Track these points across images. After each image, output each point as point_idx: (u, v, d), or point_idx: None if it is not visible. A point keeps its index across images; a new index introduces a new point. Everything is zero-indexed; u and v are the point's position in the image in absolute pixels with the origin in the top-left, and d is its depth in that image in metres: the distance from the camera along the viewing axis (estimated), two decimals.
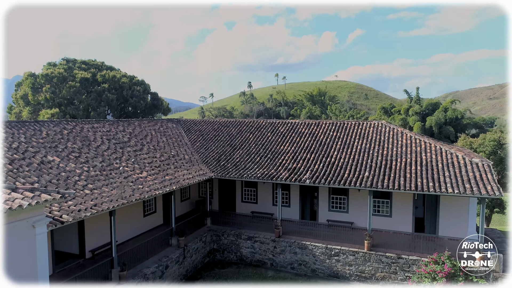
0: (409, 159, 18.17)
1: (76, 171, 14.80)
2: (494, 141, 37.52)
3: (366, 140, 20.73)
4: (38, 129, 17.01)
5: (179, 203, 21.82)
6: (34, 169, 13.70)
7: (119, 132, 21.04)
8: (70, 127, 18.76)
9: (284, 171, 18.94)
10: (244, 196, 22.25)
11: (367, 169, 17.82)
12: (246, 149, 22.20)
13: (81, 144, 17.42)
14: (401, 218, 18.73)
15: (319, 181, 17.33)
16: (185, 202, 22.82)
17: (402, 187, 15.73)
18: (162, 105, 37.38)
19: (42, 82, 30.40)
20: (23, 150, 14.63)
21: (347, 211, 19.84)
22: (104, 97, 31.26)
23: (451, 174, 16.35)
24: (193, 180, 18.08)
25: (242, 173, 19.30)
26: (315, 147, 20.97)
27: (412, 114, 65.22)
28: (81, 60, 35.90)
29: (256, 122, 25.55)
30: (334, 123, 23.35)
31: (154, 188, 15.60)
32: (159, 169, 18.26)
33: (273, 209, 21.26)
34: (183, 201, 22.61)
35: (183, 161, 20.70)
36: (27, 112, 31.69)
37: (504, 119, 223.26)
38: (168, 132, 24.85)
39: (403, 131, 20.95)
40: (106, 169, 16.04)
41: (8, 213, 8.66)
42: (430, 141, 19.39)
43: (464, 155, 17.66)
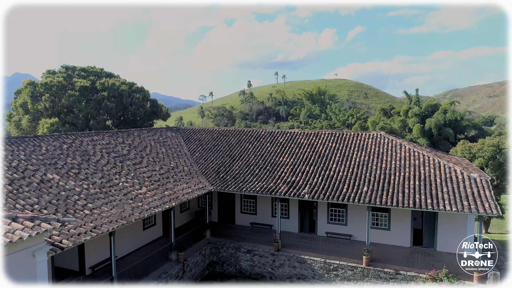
0: (408, 173, 18.24)
1: (75, 189, 14.85)
2: (493, 146, 37.57)
3: (364, 152, 20.79)
4: (37, 144, 17.08)
5: (178, 214, 21.91)
6: (34, 188, 13.75)
7: (119, 144, 21.09)
8: (70, 141, 18.83)
9: (283, 184, 19.01)
10: (243, 207, 22.33)
11: (365, 184, 17.90)
12: (245, 160, 22.26)
13: (80, 159, 17.47)
14: (400, 231, 18.82)
15: (318, 196, 17.40)
16: (185, 213, 22.91)
17: (401, 204, 15.81)
18: (161, 112, 37.47)
19: (42, 90, 30.42)
20: (23, 168, 14.69)
21: (345, 223, 19.92)
22: (103, 105, 31.30)
23: (449, 189, 16.43)
24: (192, 194, 18.15)
25: (241, 186, 19.37)
26: (314, 159, 21.03)
27: (411, 116, 65.28)
28: (80, 68, 35.93)
29: (256, 132, 25.59)
30: (333, 133, 23.40)
31: (154, 205, 15.66)
32: (158, 184, 18.32)
33: (272, 220, 21.35)
34: (183, 212, 22.70)
35: (182, 173, 20.76)
36: (26, 121, 31.74)
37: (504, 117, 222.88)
38: (168, 142, 24.90)
39: (401, 143, 21.02)
40: (105, 186, 16.10)
41: (8, 246, 8.73)
42: (429, 154, 19.45)
43: (462, 170, 17.73)
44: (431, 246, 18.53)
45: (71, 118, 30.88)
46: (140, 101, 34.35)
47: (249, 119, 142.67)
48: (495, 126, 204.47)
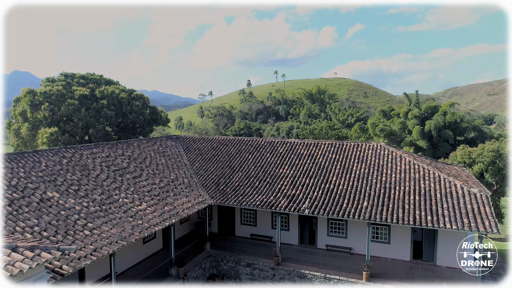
0: (408, 187, 18.23)
1: (75, 208, 14.82)
2: (492, 151, 37.59)
3: (364, 164, 20.77)
4: (37, 160, 17.04)
5: (178, 225, 21.89)
6: (34, 209, 13.72)
7: (118, 156, 21.05)
8: (69, 155, 18.78)
9: (283, 198, 18.99)
10: (243, 218, 22.33)
11: (365, 198, 17.89)
12: (245, 172, 22.23)
13: (80, 175, 17.43)
14: (400, 244, 18.83)
15: (318, 212, 17.40)
16: (185, 224, 22.89)
17: (401, 221, 15.81)
18: (161, 118, 37.41)
19: (41, 99, 30.36)
20: (23, 187, 14.65)
21: (345, 236, 19.93)
22: (103, 114, 31.22)
23: (449, 205, 16.43)
24: (192, 209, 18.13)
25: (241, 200, 19.36)
26: (314, 170, 21.01)
27: (411, 118, 65.22)
28: (80, 75, 35.78)
29: (255, 141, 25.55)
30: (333, 144, 23.38)
31: (154, 223, 15.64)
32: (158, 198, 18.30)
33: (272, 232, 21.36)
34: (183, 223, 22.68)
35: (182, 186, 20.74)
36: (25, 129, 31.66)
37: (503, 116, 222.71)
38: (168, 152, 24.86)
39: (401, 154, 20.99)
40: (105, 203, 16.07)
41: (8, 279, 8.71)
42: (429, 167, 19.43)
43: (463, 184, 17.71)
44: (430, 259, 18.56)
45: (71, 127, 30.83)
46: (139, 109, 34.28)
47: (249, 119, 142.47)
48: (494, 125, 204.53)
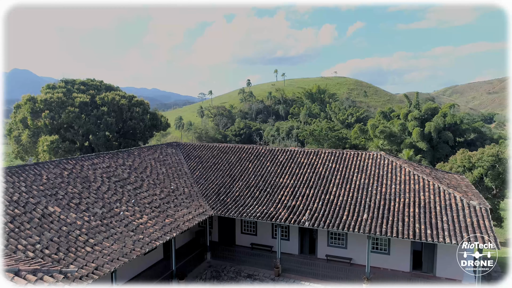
0: (407, 199, 18.31)
1: (77, 223, 14.89)
2: (492, 156, 37.66)
3: (364, 174, 20.85)
4: (38, 173, 17.11)
5: (179, 235, 21.85)
6: (35, 225, 13.79)
7: (119, 167, 21.12)
8: (70, 166, 18.86)
9: (283, 209, 19.07)
10: (243, 227, 22.42)
11: (365, 210, 17.97)
12: (245, 181, 22.30)
13: (81, 187, 17.50)
14: (399, 255, 18.93)
15: (318, 224, 17.48)
16: (185, 233, 22.89)
17: (401, 235, 15.90)
18: (161, 124, 37.47)
19: (41, 106, 30.44)
20: (24, 202, 14.72)
21: (345, 247, 20.02)
22: (103, 121, 31.28)
23: (449, 218, 16.51)
24: (193, 221, 18.22)
25: (242, 211, 19.43)
26: (314, 180, 21.08)
27: (411, 119, 65.31)
28: (80, 81, 35.85)
29: (255, 149, 25.61)
30: (333, 152, 23.45)
31: (155, 237, 15.72)
32: (159, 210, 18.37)
33: (273, 241, 21.46)
34: (183, 232, 22.70)
35: (183, 196, 20.80)
36: (26, 136, 31.72)
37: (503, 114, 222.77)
38: (168, 160, 24.93)
39: (401, 164, 21.06)
40: (106, 216, 16.14)
41: None
42: (429, 178, 19.50)
43: (462, 196, 17.79)
44: (430, 270, 18.65)
45: (71, 134, 30.94)
46: (140, 115, 34.37)
47: (249, 118, 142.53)
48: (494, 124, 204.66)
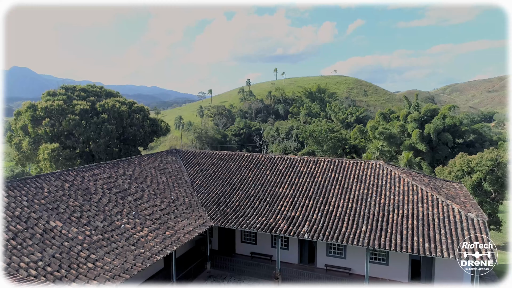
0: (406, 210, 18.46)
1: (78, 238, 15.04)
2: (491, 160, 37.79)
3: (363, 184, 21.00)
4: (39, 186, 17.26)
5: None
6: (37, 241, 13.94)
7: (120, 177, 21.26)
8: (71, 178, 19.00)
9: (283, 220, 19.22)
10: (243, 236, 22.59)
11: (364, 222, 18.12)
12: (245, 190, 22.44)
13: (82, 200, 17.65)
14: (398, 265, 19.11)
15: (318, 236, 17.63)
16: (186, 242, 23.10)
17: (399, 248, 16.05)
18: (161, 130, 37.60)
19: (42, 114, 30.56)
20: (26, 217, 14.87)
21: (344, 256, 20.20)
22: (103, 128, 31.42)
23: (447, 231, 16.66)
24: (193, 233, 18.37)
25: (242, 222, 19.58)
26: (314, 190, 21.23)
27: (410, 121, 65.43)
28: (80, 87, 35.98)
29: (255, 157, 25.75)
30: (332, 161, 23.58)
31: (155, 251, 15.87)
32: (159, 222, 18.52)
33: (272, 251, 21.63)
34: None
35: (183, 206, 20.95)
36: (26, 143, 31.86)
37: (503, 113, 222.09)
38: (168, 169, 25.06)
39: (400, 174, 21.20)
40: (107, 230, 16.29)
41: None
42: (427, 189, 19.65)
43: (460, 208, 17.94)
44: (428, 280, 18.83)
45: (72, 142, 31.07)
46: (140, 121, 34.49)
47: (249, 118, 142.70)
48: (494, 123, 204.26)
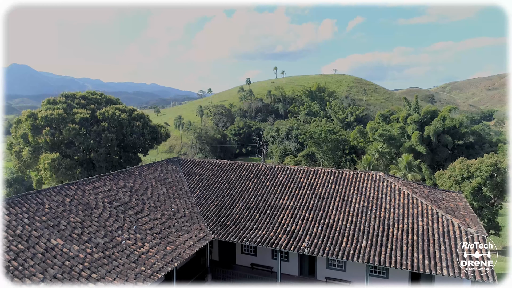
0: (406, 225, 18.53)
1: (79, 256, 15.08)
2: (490, 166, 37.88)
3: (364, 196, 21.05)
4: (40, 202, 17.31)
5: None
6: (39, 261, 13.99)
7: (120, 189, 21.31)
8: (72, 192, 19.05)
9: (283, 234, 19.28)
10: (244, 247, 22.67)
11: (364, 237, 18.19)
12: (245, 202, 22.50)
13: (83, 215, 17.70)
14: (398, 279, 19.19)
15: (318, 251, 17.71)
16: None
17: (399, 265, 16.13)
18: (161, 137, 37.61)
19: (42, 123, 30.57)
20: (27, 236, 14.91)
21: (344, 269, 20.29)
22: (103, 137, 31.43)
23: (447, 247, 16.74)
24: (194, 248, 18.43)
25: (242, 235, 19.64)
26: (314, 202, 21.29)
27: (410, 123, 65.46)
28: (80, 95, 35.95)
29: (255, 167, 25.79)
30: (332, 172, 23.63)
31: (156, 268, 15.91)
32: (160, 237, 18.57)
33: (273, 262, 21.73)
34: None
35: (183, 219, 21.01)
36: (27, 152, 31.88)
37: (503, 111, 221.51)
38: (168, 179, 25.11)
39: (400, 187, 21.26)
40: (108, 247, 16.34)
41: None
42: (427, 202, 19.71)
43: (460, 223, 18.01)
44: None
45: (72, 151, 31.11)
46: (140, 129, 34.51)
47: (248, 117, 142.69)
48: (494, 121, 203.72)
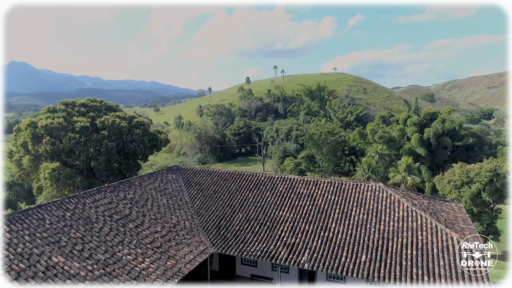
0: (405, 239, 18.61)
1: (80, 274, 15.15)
2: (490, 171, 37.93)
3: (363, 208, 21.13)
4: (41, 217, 17.37)
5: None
6: (40, 280, 14.05)
7: (120, 201, 21.37)
8: (72, 206, 19.12)
9: (283, 248, 19.36)
10: (244, 258, 22.75)
11: (364, 251, 18.28)
12: (245, 213, 22.57)
13: (83, 230, 17.77)
14: None
15: (317, 266, 17.80)
16: None
17: (398, 281, 16.22)
18: (161, 144, 37.63)
19: (42, 132, 30.59)
20: (28, 254, 14.97)
21: (344, 281, 20.38)
22: (103, 145, 31.47)
23: (446, 263, 16.82)
24: (194, 262, 18.52)
25: (242, 248, 19.73)
26: (314, 214, 21.37)
27: (410, 125, 65.49)
28: (80, 102, 35.93)
29: (255, 177, 25.84)
30: (332, 183, 23.70)
31: (157, 286, 16.01)
32: (160, 251, 18.64)
33: (273, 273, 21.82)
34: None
35: (183, 231, 21.08)
36: (27, 160, 31.94)
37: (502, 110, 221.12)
38: (169, 189, 25.17)
39: (400, 199, 21.33)
40: (109, 263, 16.41)
41: None
42: (427, 216, 19.79)
43: (459, 238, 18.09)
44: None
45: (72, 160, 31.16)
46: (140, 137, 34.51)
47: (248, 116, 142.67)
48: (493, 120, 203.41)
